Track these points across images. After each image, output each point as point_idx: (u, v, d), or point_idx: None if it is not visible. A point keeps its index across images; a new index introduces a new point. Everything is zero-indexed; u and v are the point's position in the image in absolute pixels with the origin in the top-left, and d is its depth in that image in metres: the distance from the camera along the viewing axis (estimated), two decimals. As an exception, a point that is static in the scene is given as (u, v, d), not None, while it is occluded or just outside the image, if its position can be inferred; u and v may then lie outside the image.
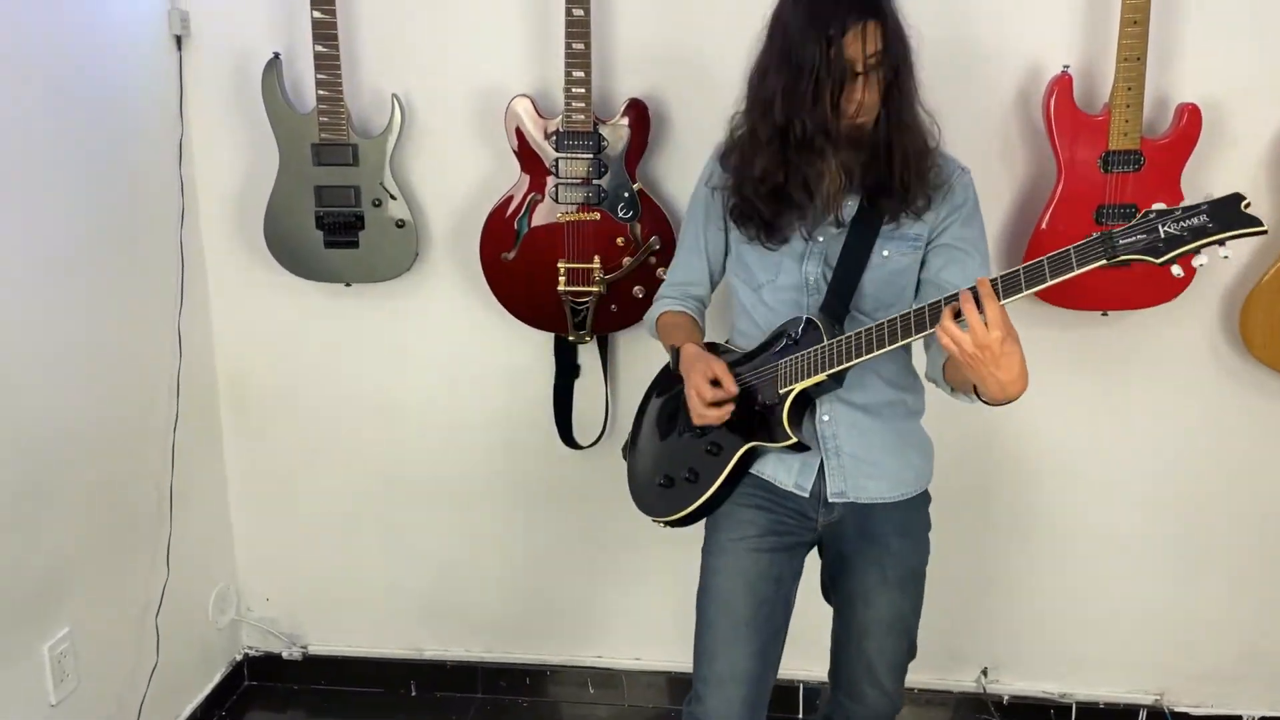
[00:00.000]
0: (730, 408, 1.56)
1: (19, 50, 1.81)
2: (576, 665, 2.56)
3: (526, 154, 2.13)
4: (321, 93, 2.11)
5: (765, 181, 1.54)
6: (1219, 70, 2.06)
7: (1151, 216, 1.28)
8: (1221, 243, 1.25)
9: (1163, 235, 1.26)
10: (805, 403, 1.57)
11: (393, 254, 2.22)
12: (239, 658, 2.61)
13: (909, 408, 1.69)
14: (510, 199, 2.16)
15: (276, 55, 2.14)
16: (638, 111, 2.10)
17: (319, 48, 2.09)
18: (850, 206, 1.57)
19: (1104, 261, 1.28)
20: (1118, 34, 1.95)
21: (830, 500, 1.63)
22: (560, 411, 2.37)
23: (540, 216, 2.15)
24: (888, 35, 1.46)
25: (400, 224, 2.20)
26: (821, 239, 1.59)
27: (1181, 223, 1.26)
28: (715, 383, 1.56)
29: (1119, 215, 2.03)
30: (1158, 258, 1.27)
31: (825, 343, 1.52)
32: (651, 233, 2.13)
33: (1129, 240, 1.28)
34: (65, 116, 1.94)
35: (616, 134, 2.10)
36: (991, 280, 1.33)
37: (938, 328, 1.35)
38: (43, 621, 1.91)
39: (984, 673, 2.48)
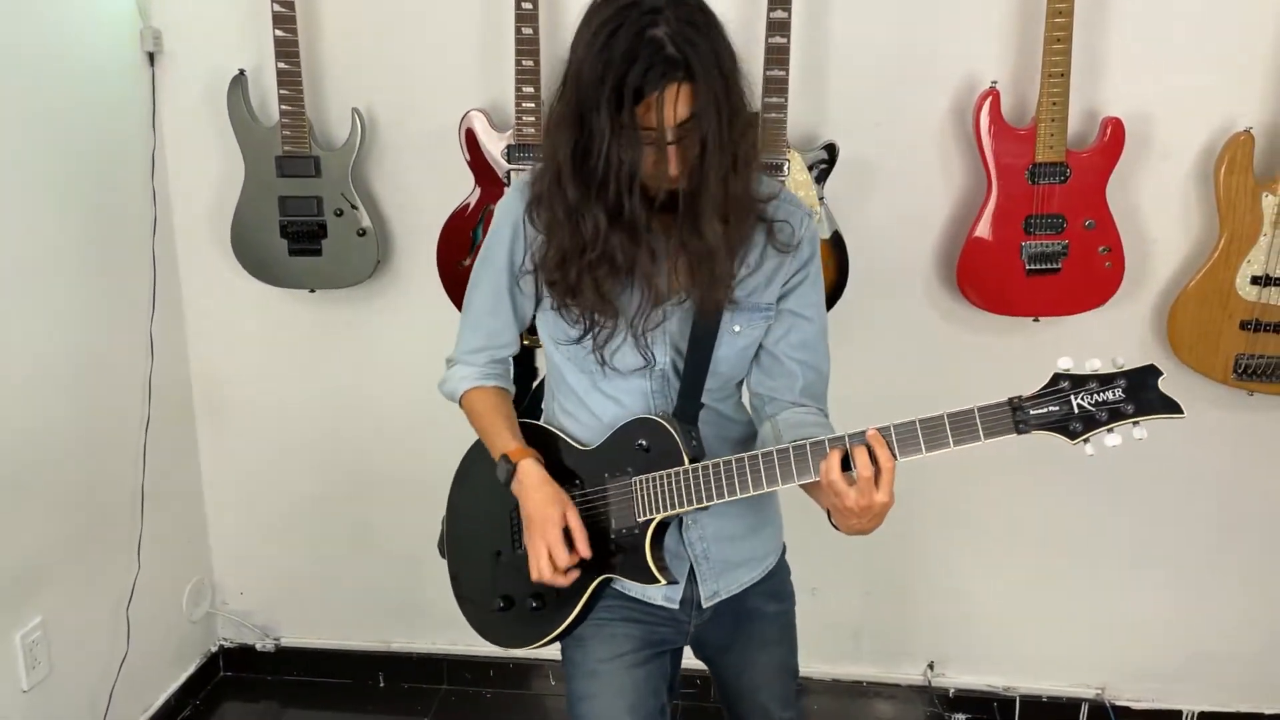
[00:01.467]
0: (578, 573, 1.38)
1: (-6, 71, 1.92)
2: (537, 659, 2.65)
3: (480, 166, 2.22)
4: (284, 107, 2.21)
5: (568, 267, 1.31)
6: (1147, 84, 2.14)
7: (1064, 387, 1.19)
8: (1137, 423, 1.18)
9: (1076, 410, 1.18)
10: (664, 523, 1.39)
11: (355, 261, 2.31)
12: (214, 649, 2.72)
13: None
14: (466, 208, 2.25)
15: (241, 72, 2.24)
16: (587, 125, 2.19)
17: (281, 65, 2.18)
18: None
19: (1013, 434, 1.19)
20: (1042, 51, 2.03)
21: (704, 605, 1.50)
22: (520, 414, 2.45)
23: (494, 226, 2.24)
24: (701, 96, 1.18)
25: (362, 232, 2.29)
26: (661, 318, 1.37)
27: (1096, 396, 1.18)
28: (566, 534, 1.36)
29: (1047, 225, 2.11)
30: (1072, 439, 1.19)
31: (686, 466, 1.34)
32: (600, 241, 2.22)
33: (1040, 412, 1.19)
34: (42, 129, 2.04)
35: (566, 147, 2.18)
36: (884, 431, 1.22)
37: (821, 475, 1.24)
38: (16, 611, 2.01)
39: (930, 666, 2.56)
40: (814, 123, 2.22)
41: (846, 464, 1.24)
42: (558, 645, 1.51)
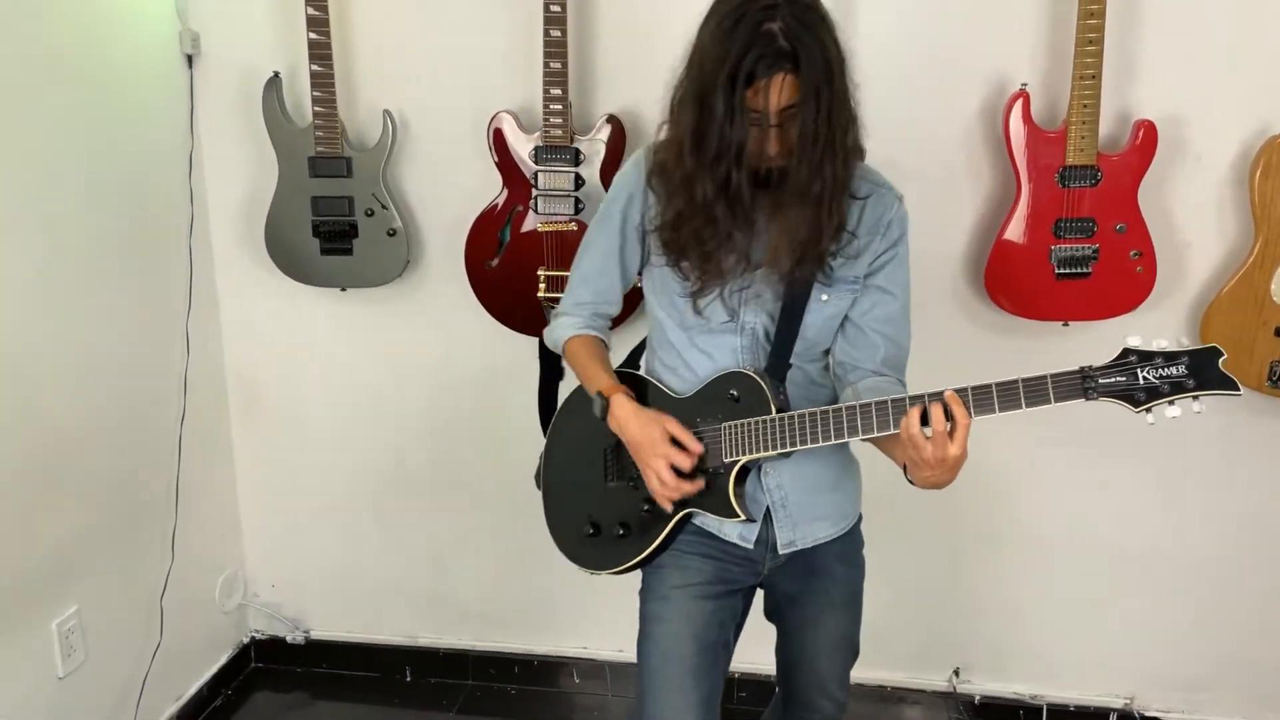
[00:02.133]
0: (700, 482, 1.51)
1: (43, 70, 1.97)
2: (562, 656, 2.67)
3: (508, 167, 2.24)
4: (317, 109, 2.25)
5: (681, 227, 1.46)
6: (1181, 87, 2.10)
7: (1132, 360, 1.29)
8: (1196, 397, 1.28)
9: (1141, 382, 1.29)
10: (746, 467, 1.53)
11: (385, 261, 2.35)
12: (246, 640, 2.77)
13: None
14: (494, 209, 2.27)
15: (276, 74, 2.28)
16: (614, 127, 2.20)
17: (315, 67, 2.22)
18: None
19: (1081, 399, 1.30)
20: (1074, 53, 2.01)
21: (780, 551, 1.61)
22: (545, 411, 2.44)
23: (522, 226, 2.26)
24: (804, 87, 1.32)
25: (392, 232, 2.33)
26: (758, 281, 1.52)
27: (1160, 371, 1.28)
28: (675, 442, 1.49)
29: (1077, 229, 2.09)
30: (1135, 407, 1.29)
31: (774, 415, 1.47)
32: (626, 242, 2.23)
33: (1109, 381, 1.30)
34: (83, 130, 2.09)
35: (594, 148, 2.20)
36: (961, 393, 1.34)
37: (902, 430, 1.35)
38: (53, 600, 2.07)
39: (956, 673, 2.54)
40: (842, 125, 2.21)
41: (925, 420, 1.34)
42: (577, 645, 1.56)
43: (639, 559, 1.60)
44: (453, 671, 2.72)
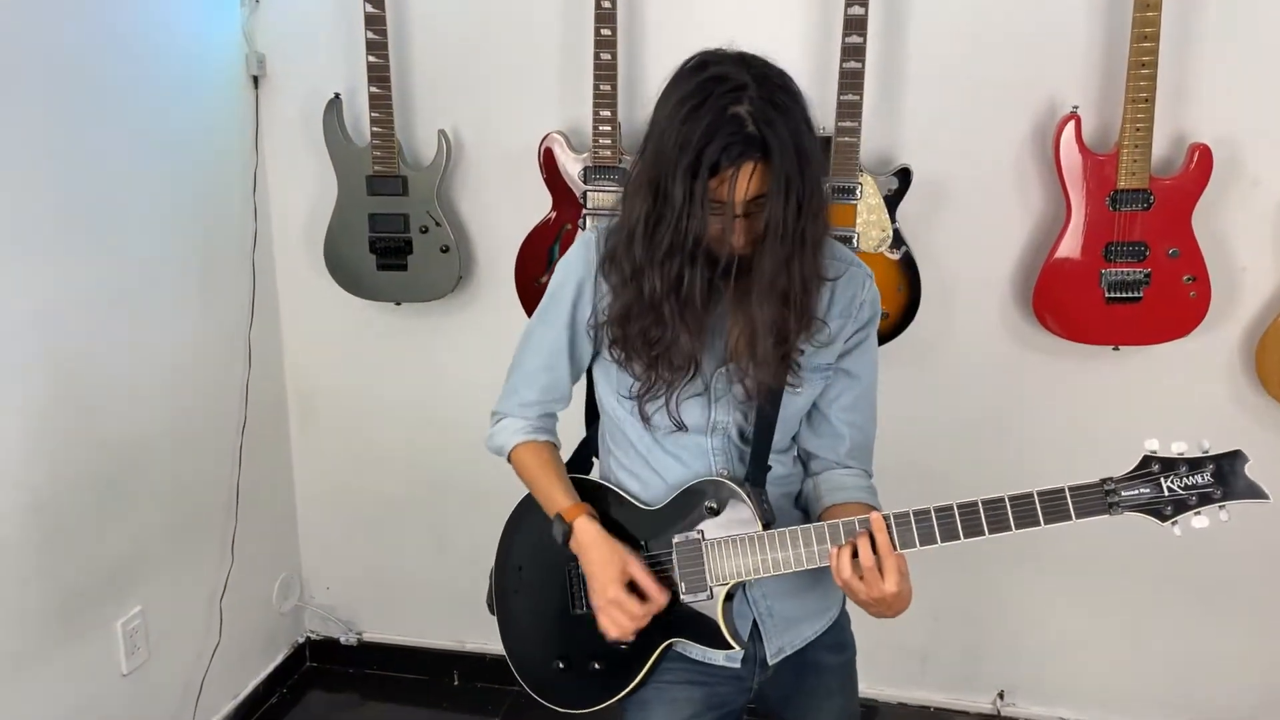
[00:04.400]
0: (654, 615, 1.37)
1: (116, 92, 2.07)
2: (606, 665, 2.71)
3: (558, 186, 2.29)
4: (375, 129, 2.32)
5: (629, 324, 1.32)
6: (1239, 109, 2.07)
7: (1154, 470, 1.24)
8: (1223, 506, 1.23)
9: (1166, 494, 1.23)
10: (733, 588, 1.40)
11: (437, 277, 2.41)
12: (301, 640, 2.85)
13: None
14: (544, 227, 2.32)
15: (336, 96, 2.36)
16: (662, 147, 2.23)
17: (373, 89, 2.29)
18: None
19: (1105, 515, 1.25)
20: (1126, 75, 1.99)
21: (769, 663, 1.48)
22: (590, 417, 2.51)
23: (570, 244, 2.30)
24: (774, 177, 1.18)
25: (445, 249, 2.39)
26: (724, 378, 1.38)
27: (1185, 479, 1.23)
28: (634, 588, 1.35)
29: (1128, 253, 2.07)
30: (1162, 520, 1.24)
31: (760, 532, 1.35)
32: (673, 262, 2.26)
33: (1132, 494, 1.24)
34: (155, 148, 2.19)
35: (642, 168, 2.23)
36: (891, 519, 1.28)
37: (833, 574, 1.29)
38: (117, 600, 2.16)
39: (1000, 695, 2.52)
40: (889, 144, 2.22)
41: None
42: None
43: (619, 697, 1.45)
44: (498, 677, 2.77)
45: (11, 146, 1.84)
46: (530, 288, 2.34)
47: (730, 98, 1.17)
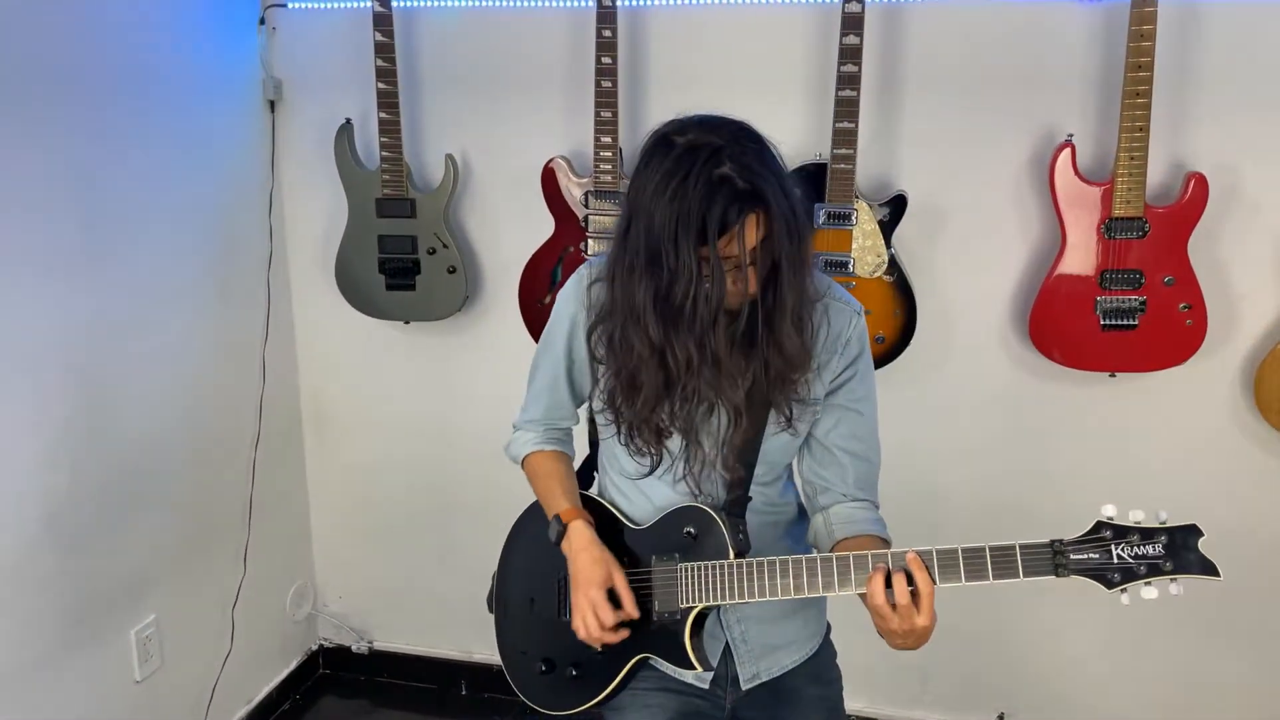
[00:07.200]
0: (625, 631, 1.42)
1: (138, 115, 2.16)
2: (610, 678, 2.75)
3: (560, 210, 2.33)
4: (384, 153, 2.38)
5: (658, 403, 1.37)
6: (1236, 137, 2.07)
7: (1106, 536, 1.24)
8: (1174, 579, 1.23)
9: (1115, 561, 1.23)
10: (704, 611, 1.44)
11: (445, 296, 2.47)
12: (314, 648, 2.93)
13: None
14: (547, 249, 2.37)
15: (348, 121, 2.42)
16: (663, 172, 2.27)
17: (382, 115, 2.35)
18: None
19: (1051, 575, 1.24)
20: (1120, 105, 2.00)
21: (743, 686, 1.53)
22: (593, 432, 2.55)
23: (573, 266, 2.33)
24: (775, 219, 1.25)
25: (452, 270, 2.44)
26: (708, 411, 1.43)
27: (1136, 549, 1.23)
28: (613, 595, 1.41)
29: (1123, 281, 2.07)
30: (1109, 587, 1.24)
31: (732, 561, 1.39)
32: (672, 284, 2.30)
33: (1080, 558, 1.24)
34: (175, 170, 2.28)
35: (642, 193, 2.27)
36: (924, 556, 1.28)
37: (867, 593, 1.29)
38: (132, 608, 2.24)
39: (1000, 717, 2.53)
40: (885, 170, 2.24)
41: (889, 583, 1.28)
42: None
43: (592, 704, 1.50)
44: (505, 687, 2.74)
45: (36, 169, 1.93)
46: (534, 308, 2.39)
47: (712, 163, 1.23)
